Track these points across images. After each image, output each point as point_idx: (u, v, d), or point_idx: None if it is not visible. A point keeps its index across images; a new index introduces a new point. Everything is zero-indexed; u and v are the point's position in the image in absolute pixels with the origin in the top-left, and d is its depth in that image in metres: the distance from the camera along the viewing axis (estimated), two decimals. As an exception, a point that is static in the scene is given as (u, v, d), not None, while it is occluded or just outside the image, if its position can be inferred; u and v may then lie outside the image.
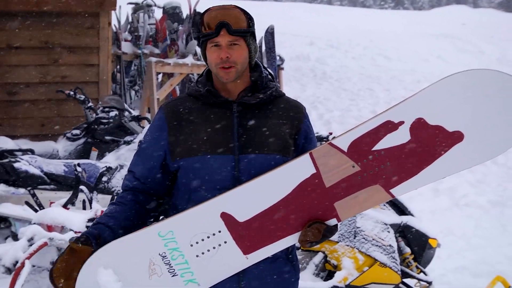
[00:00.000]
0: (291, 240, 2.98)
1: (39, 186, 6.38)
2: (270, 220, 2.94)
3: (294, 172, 2.93)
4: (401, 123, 2.89)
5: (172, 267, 2.98)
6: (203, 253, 2.96)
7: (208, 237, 2.95)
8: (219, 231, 2.95)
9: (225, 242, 2.95)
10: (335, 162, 2.92)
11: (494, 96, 2.83)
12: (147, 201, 3.09)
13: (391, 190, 2.94)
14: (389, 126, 2.89)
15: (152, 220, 3.17)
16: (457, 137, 2.86)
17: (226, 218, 2.94)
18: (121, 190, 3.16)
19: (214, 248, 2.96)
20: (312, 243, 2.94)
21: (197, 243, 2.96)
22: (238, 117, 3.01)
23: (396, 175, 2.91)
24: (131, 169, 3.13)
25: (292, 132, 3.06)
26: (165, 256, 2.98)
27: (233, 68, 2.97)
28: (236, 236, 2.95)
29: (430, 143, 2.88)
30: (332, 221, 2.96)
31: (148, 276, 2.99)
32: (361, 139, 2.91)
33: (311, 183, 2.93)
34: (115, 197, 4.78)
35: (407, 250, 5.79)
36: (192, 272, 2.98)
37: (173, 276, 2.98)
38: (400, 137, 2.89)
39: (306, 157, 2.93)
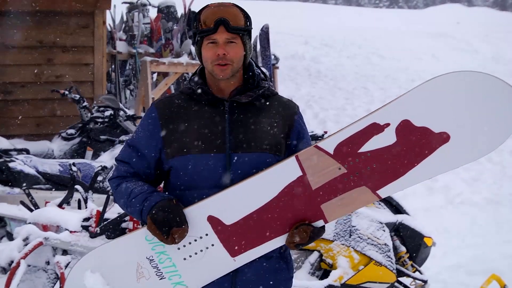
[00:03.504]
0: (278, 242, 2.99)
1: (34, 186, 6.38)
2: (257, 222, 2.95)
3: (280, 174, 2.94)
4: (387, 125, 2.90)
5: (159, 270, 2.99)
6: (190, 256, 2.98)
7: (195, 240, 2.96)
8: (206, 234, 2.96)
9: (212, 245, 2.97)
10: (321, 165, 2.93)
11: (480, 98, 2.85)
12: None
13: (377, 192, 2.95)
14: (375, 128, 2.91)
15: None
16: (443, 138, 2.88)
17: (213, 221, 2.95)
18: (115, 177, 3.14)
19: (201, 251, 2.97)
20: (299, 245, 2.95)
21: (184, 246, 2.97)
22: (230, 116, 3.01)
23: (382, 177, 2.93)
24: (124, 159, 3.11)
25: (284, 131, 3.06)
26: (153, 259, 2.99)
27: (229, 65, 2.97)
28: (223, 239, 2.96)
29: (416, 144, 2.89)
30: (319, 223, 2.97)
31: (136, 279, 3.01)
32: (347, 142, 2.92)
33: (297, 186, 2.94)
34: (111, 196, 4.79)
35: (403, 248, 5.80)
36: (180, 274, 2.99)
37: (161, 279, 3.00)
38: (386, 139, 2.91)
39: (292, 160, 2.95)
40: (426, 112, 2.88)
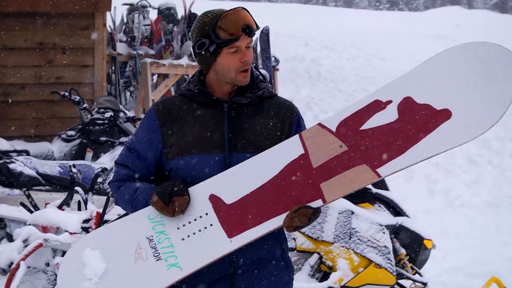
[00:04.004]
0: (276, 222, 2.94)
1: (34, 187, 6.38)
2: (257, 201, 2.94)
3: (283, 153, 2.95)
4: (389, 102, 2.91)
5: (157, 251, 2.97)
6: (188, 236, 2.96)
7: (195, 219, 2.95)
8: (206, 214, 2.95)
9: (211, 225, 2.95)
10: (323, 142, 2.94)
11: (480, 69, 2.86)
12: None
13: (377, 170, 2.92)
14: (378, 105, 2.92)
15: None
16: (445, 115, 2.87)
17: (215, 200, 2.95)
18: (115, 180, 3.14)
19: (199, 231, 2.95)
20: (297, 227, 2.92)
21: (184, 226, 2.96)
22: (229, 117, 3.02)
23: (382, 154, 2.91)
24: (124, 163, 3.12)
25: (284, 132, 3.07)
26: (152, 239, 2.98)
27: (248, 70, 3.00)
28: (221, 219, 2.95)
29: (417, 121, 2.89)
30: (317, 202, 2.93)
31: (134, 261, 2.99)
32: (349, 119, 2.94)
33: (298, 164, 2.94)
34: (111, 198, 4.79)
35: (402, 251, 5.79)
36: (176, 256, 2.97)
37: (157, 260, 2.98)
38: (388, 116, 2.91)
39: (295, 138, 2.96)
40: (428, 89, 2.89)
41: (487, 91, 2.86)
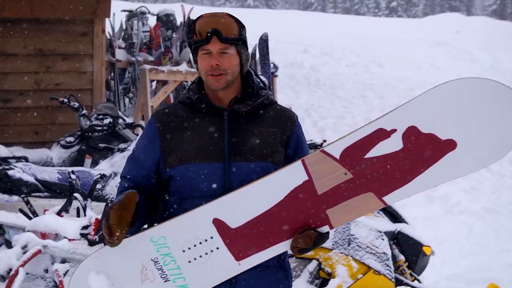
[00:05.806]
0: (283, 247, 2.98)
1: (33, 194, 6.38)
2: (262, 227, 2.95)
3: (286, 179, 2.94)
4: (394, 131, 2.89)
5: (164, 272, 2.99)
6: (195, 259, 2.97)
7: (201, 243, 2.96)
8: (211, 237, 2.96)
9: (217, 248, 2.97)
10: (327, 169, 2.93)
11: (487, 105, 2.84)
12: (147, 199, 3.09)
13: (383, 198, 2.94)
14: (382, 134, 2.90)
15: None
16: (450, 145, 2.87)
17: (218, 224, 2.95)
18: (118, 192, 3.14)
19: (206, 254, 2.97)
20: (302, 250, 2.94)
21: (189, 248, 2.97)
22: (228, 125, 3.02)
23: (388, 183, 2.92)
24: (126, 175, 3.13)
25: (283, 140, 3.06)
26: (157, 261, 2.99)
27: (223, 75, 2.98)
28: (228, 243, 2.96)
29: (422, 151, 2.88)
30: (324, 228, 2.97)
31: (141, 281, 3.00)
32: (353, 147, 2.92)
33: (303, 190, 2.94)
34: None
35: (401, 257, 5.79)
36: (184, 277, 2.99)
37: (165, 281, 2.99)
38: (392, 145, 2.90)
39: (298, 164, 2.94)
40: (433, 118, 2.87)
41: (495, 126, 2.85)
